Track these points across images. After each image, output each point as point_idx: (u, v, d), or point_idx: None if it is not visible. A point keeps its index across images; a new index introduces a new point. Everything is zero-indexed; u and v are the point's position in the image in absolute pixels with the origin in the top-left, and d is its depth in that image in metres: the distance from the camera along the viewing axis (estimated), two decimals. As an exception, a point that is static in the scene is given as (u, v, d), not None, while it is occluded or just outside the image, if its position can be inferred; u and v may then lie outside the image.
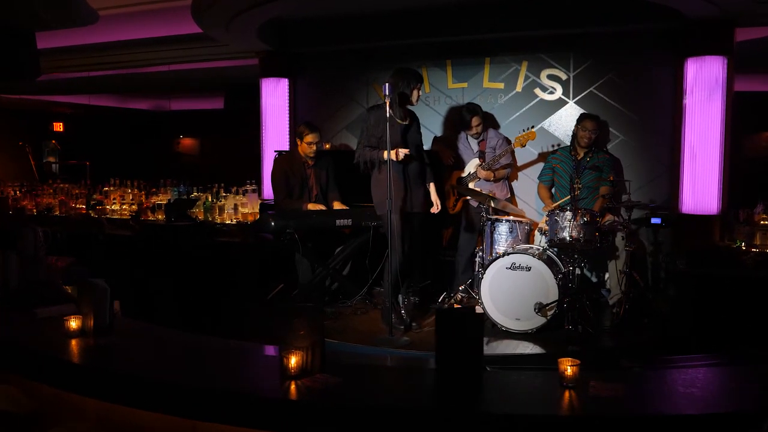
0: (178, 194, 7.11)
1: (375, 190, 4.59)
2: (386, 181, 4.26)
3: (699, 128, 5.13)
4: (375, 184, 4.59)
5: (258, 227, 5.10)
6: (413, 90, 4.53)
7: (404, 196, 4.53)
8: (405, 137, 4.56)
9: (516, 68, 5.84)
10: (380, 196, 4.49)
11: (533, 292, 4.50)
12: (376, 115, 4.53)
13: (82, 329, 2.95)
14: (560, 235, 4.53)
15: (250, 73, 7.98)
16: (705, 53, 5.09)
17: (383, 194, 4.34)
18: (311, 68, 6.62)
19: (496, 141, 5.54)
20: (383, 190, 4.36)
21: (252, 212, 6.75)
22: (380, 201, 4.49)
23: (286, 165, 5.39)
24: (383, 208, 4.37)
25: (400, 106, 4.50)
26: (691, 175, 5.20)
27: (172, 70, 7.71)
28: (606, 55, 5.56)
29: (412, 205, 4.59)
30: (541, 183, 5.58)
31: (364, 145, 4.59)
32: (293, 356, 2.41)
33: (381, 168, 4.51)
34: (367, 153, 4.55)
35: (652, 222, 5.21)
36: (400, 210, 4.46)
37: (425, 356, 4.15)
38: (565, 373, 2.36)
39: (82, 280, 3.00)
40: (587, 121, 5.20)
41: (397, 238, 4.44)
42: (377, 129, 4.51)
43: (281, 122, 6.66)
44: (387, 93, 4.24)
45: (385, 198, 4.27)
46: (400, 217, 4.46)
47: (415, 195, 4.61)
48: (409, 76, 4.52)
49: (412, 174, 4.58)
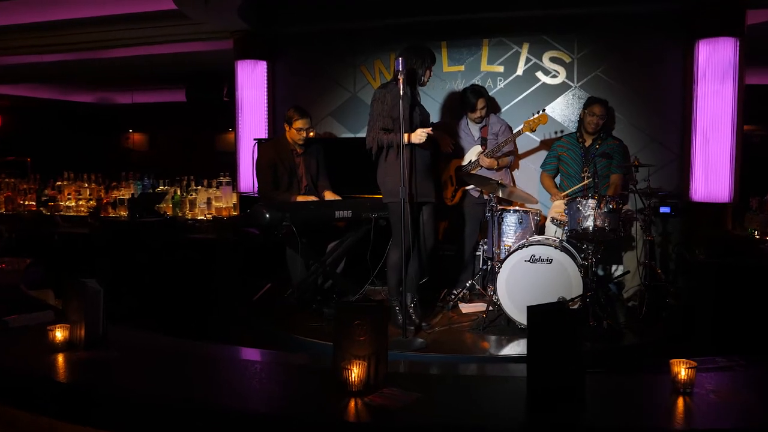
0: (142, 188, 6.51)
1: (385, 177, 4.16)
2: (399, 167, 3.85)
3: (711, 113, 4.92)
4: (385, 171, 4.16)
5: (249, 220, 4.59)
6: (427, 70, 4.13)
7: (415, 184, 4.12)
8: (421, 120, 4.17)
9: (517, 50, 5.51)
10: (392, 183, 4.05)
11: (555, 286, 4.16)
12: (393, 93, 4.03)
13: (70, 341, 2.44)
14: (584, 224, 4.20)
15: (217, 59, 7.42)
16: (717, 35, 4.87)
17: (395, 181, 3.92)
18: (292, 50, 6.12)
19: (498, 127, 5.18)
20: (395, 176, 3.94)
21: (226, 206, 6.23)
22: (392, 189, 4.05)
23: (273, 153, 4.90)
24: (394, 196, 3.96)
25: (410, 85, 4.09)
26: (704, 162, 4.98)
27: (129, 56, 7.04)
28: (612, 37, 5.29)
29: (423, 193, 4.19)
30: (545, 172, 5.26)
31: (380, 127, 4.12)
32: (355, 368, 1.96)
33: (393, 153, 4.09)
34: (384, 136, 4.07)
35: (661, 211, 4.97)
36: (410, 199, 4.06)
37: (449, 359, 3.80)
38: (678, 376, 2.01)
39: (70, 281, 2.46)
40: (596, 106, 4.91)
41: (408, 229, 4.03)
42: (395, 109, 3.98)
43: (259, 109, 6.13)
44: (400, 68, 3.81)
45: (398, 186, 3.85)
46: (413, 205, 4.07)
47: (427, 183, 4.22)
48: (425, 54, 4.12)
49: (422, 160, 4.18)
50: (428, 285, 5.07)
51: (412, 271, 4.21)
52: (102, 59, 7.60)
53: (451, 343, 4.05)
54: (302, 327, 4.29)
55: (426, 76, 4.16)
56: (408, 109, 4.02)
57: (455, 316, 4.65)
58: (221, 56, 7.09)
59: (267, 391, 2.06)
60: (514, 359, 3.80)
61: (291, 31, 6.03)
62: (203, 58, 7.49)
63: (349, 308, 2.00)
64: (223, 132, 12.01)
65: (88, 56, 7.41)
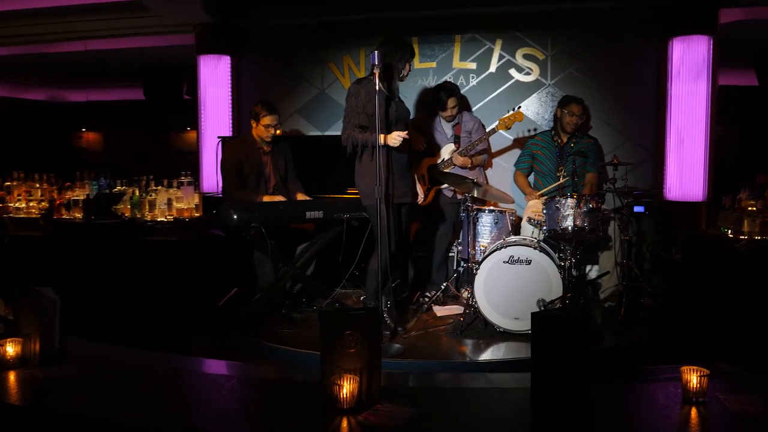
0: (98, 189, 6.18)
1: (361, 179, 3.97)
2: (375, 168, 3.67)
3: (686, 112, 4.89)
4: (361, 172, 3.97)
5: (214, 222, 4.35)
6: (406, 64, 3.96)
7: (392, 184, 3.95)
8: (397, 117, 3.98)
9: (489, 47, 5.40)
10: (367, 185, 3.88)
11: (534, 287, 4.05)
12: (368, 89, 3.85)
13: (23, 357, 2.19)
14: (563, 224, 4.10)
15: (177, 54, 7.11)
16: (691, 33, 4.85)
17: (371, 183, 3.74)
18: (257, 44, 5.89)
19: (472, 125, 5.06)
20: (371, 178, 3.77)
21: (188, 207, 5.95)
22: (368, 191, 3.87)
23: (239, 152, 4.67)
24: (372, 198, 3.78)
25: (387, 81, 3.91)
26: (678, 161, 4.96)
27: (83, 50, 6.67)
28: (586, 34, 5.23)
29: (400, 194, 4.03)
30: (519, 170, 5.17)
31: (354, 125, 3.91)
32: (347, 383, 1.79)
33: (369, 153, 3.91)
34: (359, 135, 3.85)
35: (635, 210, 4.93)
36: (387, 200, 3.89)
37: (429, 366, 3.64)
38: (690, 384, 1.89)
39: (23, 289, 2.21)
40: (574, 105, 4.82)
41: (386, 231, 3.87)
42: (369, 105, 3.82)
43: (222, 106, 5.89)
44: (377, 62, 3.63)
45: (374, 186, 3.66)
46: (387, 207, 3.89)
47: (404, 183, 4.05)
48: (404, 48, 3.93)
49: (399, 159, 4.02)
50: (399, 287, 4.93)
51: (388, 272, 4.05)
52: (54, 53, 7.21)
53: (429, 348, 3.89)
54: (272, 333, 4.08)
55: (405, 70, 3.98)
56: (384, 105, 3.85)
57: (430, 320, 4.51)
58: (181, 51, 6.78)
59: (249, 411, 1.87)
60: (500, 364, 3.69)
61: (256, 25, 5.80)
62: (162, 53, 7.15)
63: (336, 316, 1.82)
64: (180, 130, 11.64)
65: (38, 50, 7.01)
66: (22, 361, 2.18)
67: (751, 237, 4.68)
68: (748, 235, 4.70)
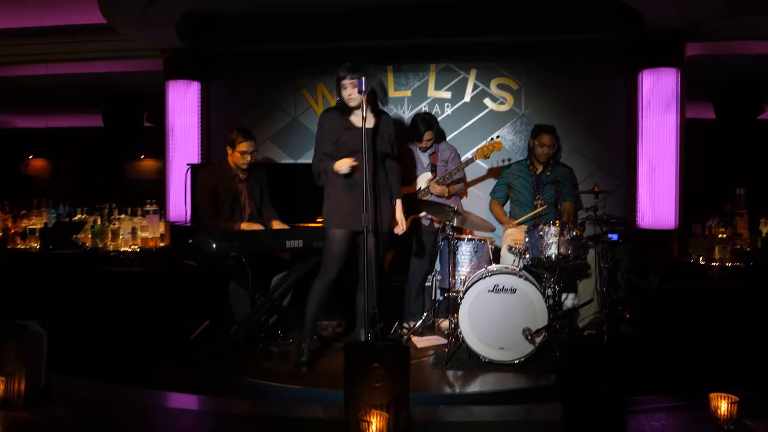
0: (57, 217, 5.90)
1: (324, 203, 3.93)
2: (332, 194, 3.82)
3: (656, 142, 5.01)
4: (325, 197, 3.94)
5: (190, 251, 4.17)
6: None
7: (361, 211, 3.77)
8: (371, 143, 3.87)
9: (464, 76, 5.44)
10: (325, 208, 3.90)
11: (519, 316, 4.02)
12: (330, 118, 3.90)
13: (5, 398, 2.00)
14: (547, 252, 4.10)
15: (139, 80, 6.93)
16: (659, 65, 5.00)
17: (328, 206, 3.86)
18: (229, 71, 5.78)
19: (448, 153, 5.05)
20: (328, 202, 3.87)
21: (153, 237, 5.73)
22: (325, 214, 3.90)
23: (214, 179, 4.53)
24: (326, 222, 3.87)
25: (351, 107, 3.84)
26: (650, 190, 5.06)
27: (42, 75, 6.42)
28: (559, 65, 5.33)
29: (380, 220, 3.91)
30: (494, 199, 5.17)
31: (323, 152, 3.90)
32: (375, 419, 1.68)
33: (332, 179, 3.85)
34: (323, 163, 3.87)
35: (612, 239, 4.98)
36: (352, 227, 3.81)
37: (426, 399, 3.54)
38: (719, 411, 1.86)
39: (5, 323, 2.03)
40: (544, 136, 4.87)
41: (337, 260, 3.84)
42: (332, 134, 3.86)
43: (191, 132, 5.73)
44: (364, 89, 3.59)
45: (332, 212, 3.81)
46: (347, 234, 3.83)
47: (382, 210, 3.93)
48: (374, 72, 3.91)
49: (377, 186, 3.88)
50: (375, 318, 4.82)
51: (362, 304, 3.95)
52: (7, 77, 6.93)
53: (416, 380, 3.76)
54: (254, 368, 3.91)
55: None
56: (352, 133, 3.80)
57: (412, 351, 4.40)
58: (147, 77, 6.62)
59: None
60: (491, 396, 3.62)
61: (227, 50, 5.69)
62: (126, 78, 6.95)
63: (362, 349, 1.73)
64: (134, 159, 11.36)
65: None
66: (4, 402, 1.99)
67: (723, 263, 4.79)
68: (719, 262, 4.80)
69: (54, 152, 11.23)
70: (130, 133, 8.80)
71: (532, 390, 3.71)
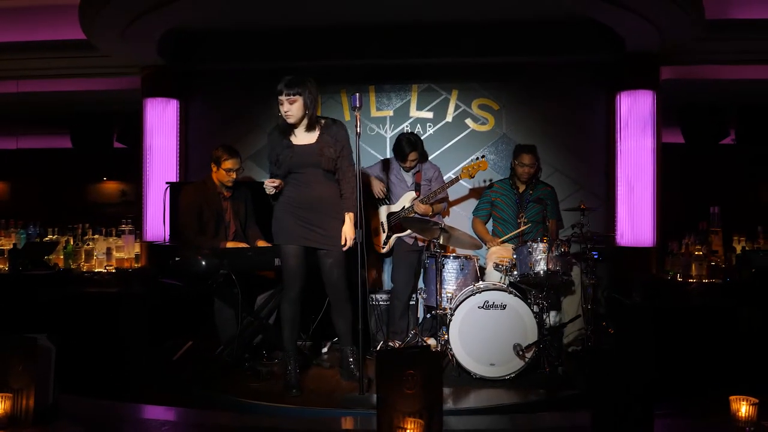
0: (27, 238, 5.70)
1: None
2: (276, 211, 3.85)
3: (635, 161, 5.14)
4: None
5: (177, 269, 4.06)
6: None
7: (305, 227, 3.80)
8: (310, 159, 3.77)
9: (446, 97, 5.50)
10: (273, 226, 3.91)
11: (509, 332, 4.04)
12: (272, 137, 3.91)
13: (12, 415, 1.90)
14: (536, 268, 4.14)
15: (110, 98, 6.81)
16: (636, 87, 5.15)
17: (274, 224, 3.88)
18: (208, 89, 5.73)
19: (432, 173, 5.07)
20: (274, 219, 3.88)
21: (128, 257, 5.59)
22: (273, 232, 3.90)
23: (198, 197, 4.45)
24: (275, 238, 3.87)
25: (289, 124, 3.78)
26: (629, 208, 5.17)
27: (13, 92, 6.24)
28: (539, 86, 5.45)
29: (311, 238, 3.82)
30: (477, 217, 5.21)
31: (274, 173, 3.91)
32: (410, 426, 1.66)
33: (277, 196, 3.86)
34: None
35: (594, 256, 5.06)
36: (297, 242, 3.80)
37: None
38: (739, 413, 1.89)
39: (11, 337, 1.94)
40: (524, 156, 4.95)
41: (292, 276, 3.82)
42: (272, 154, 3.89)
43: (169, 150, 5.64)
44: (357, 105, 3.60)
45: (276, 228, 3.84)
46: (295, 249, 3.80)
47: (328, 227, 3.82)
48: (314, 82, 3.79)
49: (308, 202, 3.80)
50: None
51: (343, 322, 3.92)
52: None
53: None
54: (244, 388, 3.81)
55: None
56: (282, 151, 3.80)
57: (400, 369, 4.37)
58: (118, 95, 6.53)
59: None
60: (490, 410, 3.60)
61: (206, 68, 5.64)
62: (96, 97, 6.81)
63: (394, 356, 1.70)
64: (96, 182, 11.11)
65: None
66: (11, 420, 1.89)
67: (700, 280, 4.91)
68: (696, 278, 4.92)
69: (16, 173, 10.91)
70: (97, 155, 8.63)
71: (523, 405, 3.71)
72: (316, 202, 3.77)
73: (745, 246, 5.14)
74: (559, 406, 3.65)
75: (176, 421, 2.26)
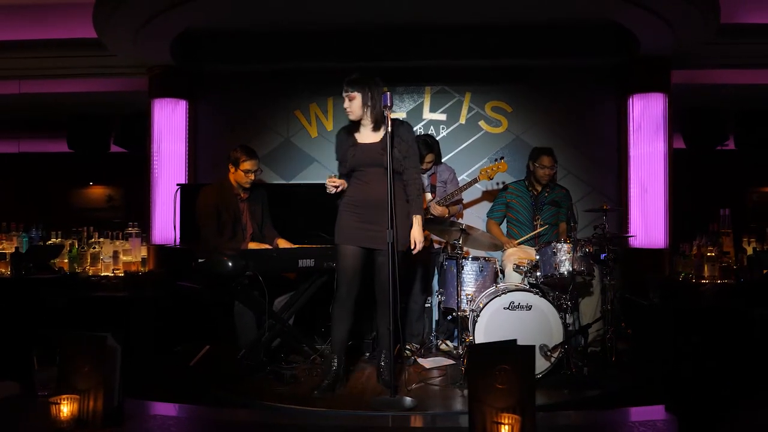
0: (29, 241, 5.56)
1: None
2: (341, 211, 3.77)
3: (647, 163, 5.18)
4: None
5: (202, 271, 3.96)
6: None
7: (369, 228, 3.74)
8: (377, 158, 3.71)
9: (459, 99, 5.50)
10: (336, 225, 3.82)
11: (535, 333, 4.02)
12: (339, 137, 3.86)
13: (79, 418, 1.83)
14: (561, 269, 4.14)
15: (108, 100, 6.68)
16: (649, 90, 5.19)
17: (337, 223, 3.79)
18: (218, 90, 5.66)
19: (447, 174, 5.06)
20: (338, 218, 3.80)
21: (135, 261, 5.47)
22: (335, 231, 3.82)
23: (216, 198, 4.38)
24: (336, 237, 3.79)
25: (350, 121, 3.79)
26: (641, 210, 5.20)
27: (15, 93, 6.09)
28: (551, 89, 5.48)
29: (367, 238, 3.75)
30: (492, 219, 5.20)
31: (341, 172, 3.84)
32: (506, 421, 1.62)
33: (342, 196, 3.80)
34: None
35: (601, 258, 5.08)
36: (357, 243, 3.74)
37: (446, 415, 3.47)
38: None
39: (77, 336, 1.87)
40: (545, 158, 4.95)
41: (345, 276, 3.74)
42: (338, 153, 3.85)
43: (178, 152, 5.55)
44: (388, 104, 3.57)
45: (337, 228, 3.76)
46: (353, 250, 3.74)
47: (374, 227, 3.73)
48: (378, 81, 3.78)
49: (368, 203, 3.74)
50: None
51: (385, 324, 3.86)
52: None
53: (443, 398, 3.72)
54: (269, 392, 3.73)
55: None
56: (347, 150, 3.77)
57: (422, 372, 4.33)
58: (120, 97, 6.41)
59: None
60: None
61: (217, 68, 5.57)
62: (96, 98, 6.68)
63: (486, 350, 1.67)
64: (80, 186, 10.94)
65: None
66: (78, 423, 1.82)
67: (713, 281, 4.94)
68: (709, 279, 4.96)
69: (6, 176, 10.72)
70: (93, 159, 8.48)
71: (551, 406, 3.70)
72: (376, 201, 3.70)
73: (756, 247, 5.19)
74: (584, 405, 3.64)
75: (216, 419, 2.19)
